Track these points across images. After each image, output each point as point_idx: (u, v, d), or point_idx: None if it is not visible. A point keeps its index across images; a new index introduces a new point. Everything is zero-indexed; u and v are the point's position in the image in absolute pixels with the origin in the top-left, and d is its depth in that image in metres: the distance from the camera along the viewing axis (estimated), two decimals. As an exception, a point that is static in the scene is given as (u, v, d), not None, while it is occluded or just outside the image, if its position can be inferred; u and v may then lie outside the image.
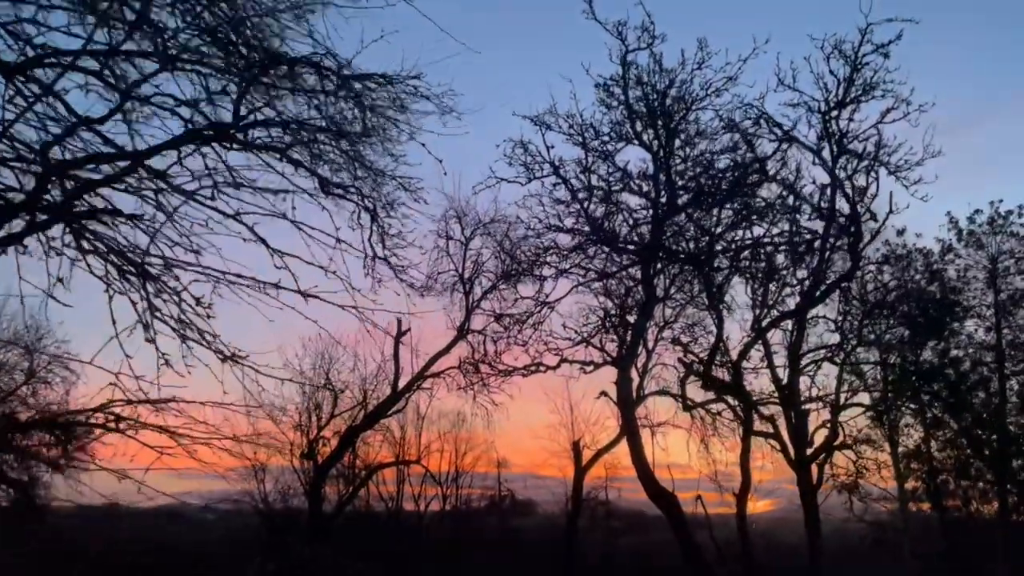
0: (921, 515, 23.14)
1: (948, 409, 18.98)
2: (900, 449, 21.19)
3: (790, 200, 12.11)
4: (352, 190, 10.79)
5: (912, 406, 19.87)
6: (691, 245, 13.88)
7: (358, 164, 10.71)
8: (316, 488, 19.21)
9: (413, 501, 37.63)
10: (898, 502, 22.78)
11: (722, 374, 16.05)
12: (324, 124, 9.70)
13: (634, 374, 18.30)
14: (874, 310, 16.20)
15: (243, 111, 9.67)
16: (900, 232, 19.71)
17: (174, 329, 7.51)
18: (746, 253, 13.11)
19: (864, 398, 18.74)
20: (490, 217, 19.33)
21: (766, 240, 12.74)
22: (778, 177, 11.95)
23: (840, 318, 16.14)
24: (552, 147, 16.32)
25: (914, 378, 18.21)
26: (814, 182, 13.88)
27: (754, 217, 12.69)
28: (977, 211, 21.22)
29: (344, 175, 10.81)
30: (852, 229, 11.42)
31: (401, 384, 20.00)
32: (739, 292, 16.99)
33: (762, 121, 12.52)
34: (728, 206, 12.90)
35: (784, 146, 11.86)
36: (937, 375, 18.91)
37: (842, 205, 13.00)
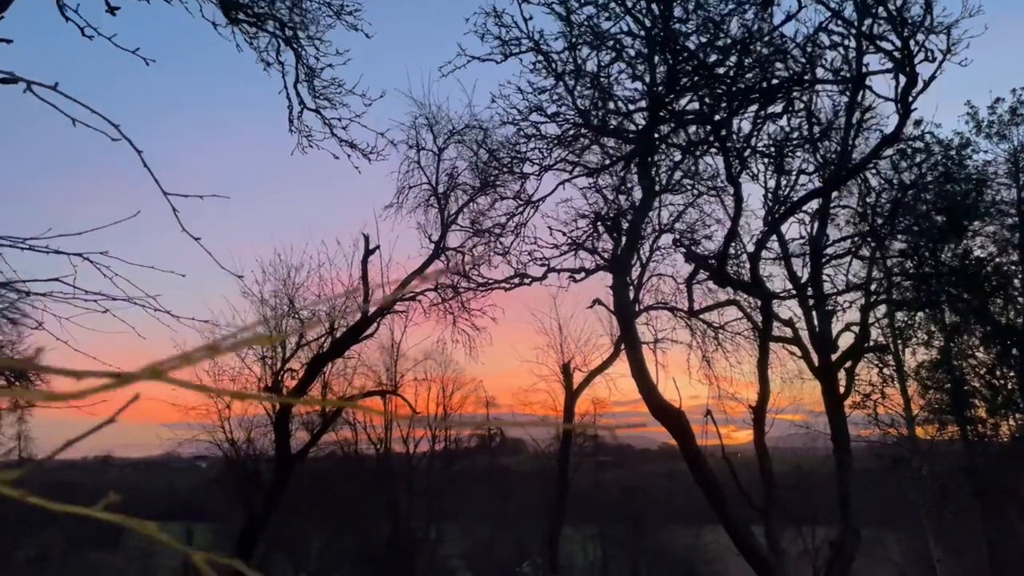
0: (928, 440, 21.05)
1: (973, 313, 16.54)
2: (920, 359, 18.89)
3: (835, 27, 9.27)
4: (266, 16, 7.98)
5: (929, 311, 17.43)
6: (703, 104, 11.10)
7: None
8: (283, 422, 16.64)
9: (402, 443, 35.85)
10: (906, 421, 20.70)
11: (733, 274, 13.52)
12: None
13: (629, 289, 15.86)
14: (906, 192, 13.56)
15: None
16: (917, 123, 17.09)
17: None
18: (776, 104, 10.28)
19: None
20: (464, 123, 16.74)
21: (801, 81, 9.88)
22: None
23: (872, 198, 13.49)
24: (530, 18, 13.49)
25: (933, 280, 15.68)
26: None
27: (782, 56, 9.89)
28: (998, 100, 18.54)
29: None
30: (906, 67, 8.71)
31: (372, 309, 17.48)
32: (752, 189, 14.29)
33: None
34: (749, 51, 10.08)
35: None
36: (958, 276, 16.40)
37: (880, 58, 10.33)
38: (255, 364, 18.64)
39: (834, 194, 12.87)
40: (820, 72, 10.04)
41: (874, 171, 13.29)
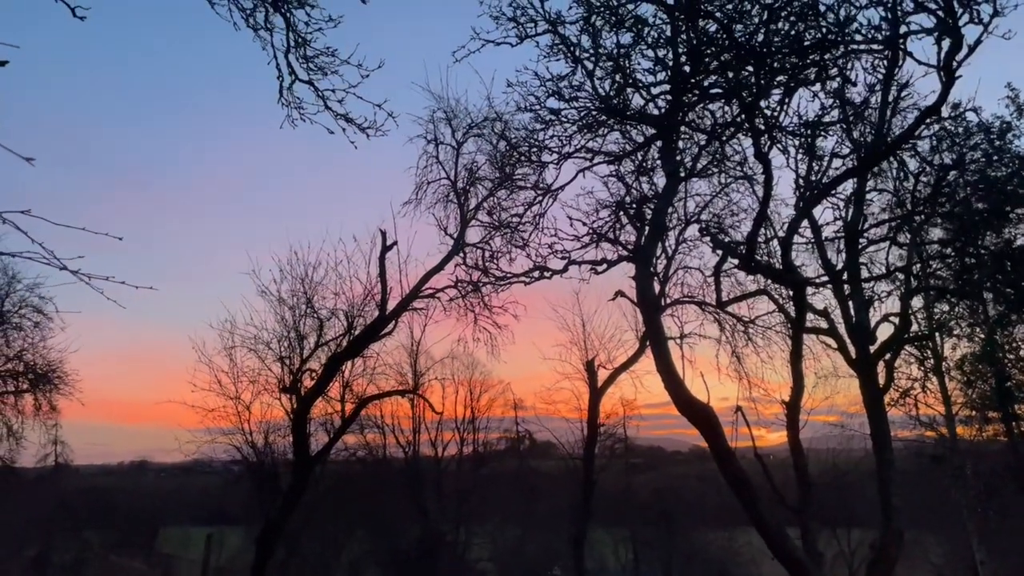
0: (970, 439, 19.89)
1: (1018, 303, 15.47)
2: (963, 352, 17.81)
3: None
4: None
5: (970, 301, 16.36)
6: (730, 75, 10.27)
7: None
8: (300, 423, 16.08)
9: (431, 447, 35.33)
10: (945, 420, 19.62)
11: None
12: None
13: (655, 282, 15.08)
14: (947, 174, 12.63)
15: None
16: (955, 106, 16.09)
17: None
18: (809, 71, 9.38)
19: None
20: (483, 116, 16.12)
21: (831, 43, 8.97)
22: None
23: (910, 183, 12.58)
24: (547, -1, 12.79)
25: (974, 269, 14.67)
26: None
27: (814, 15, 8.99)
28: (1041, 80, 17.45)
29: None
30: (951, 23, 7.88)
31: (391, 308, 16.90)
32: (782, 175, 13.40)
33: None
34: (778, 15, 9.22)
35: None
36: (1001, 264, 15.34)
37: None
38: (274, 364, 18.14)
39: (869, 177, 11.99)
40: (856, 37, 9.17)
41: (911, 152, 12.40)
